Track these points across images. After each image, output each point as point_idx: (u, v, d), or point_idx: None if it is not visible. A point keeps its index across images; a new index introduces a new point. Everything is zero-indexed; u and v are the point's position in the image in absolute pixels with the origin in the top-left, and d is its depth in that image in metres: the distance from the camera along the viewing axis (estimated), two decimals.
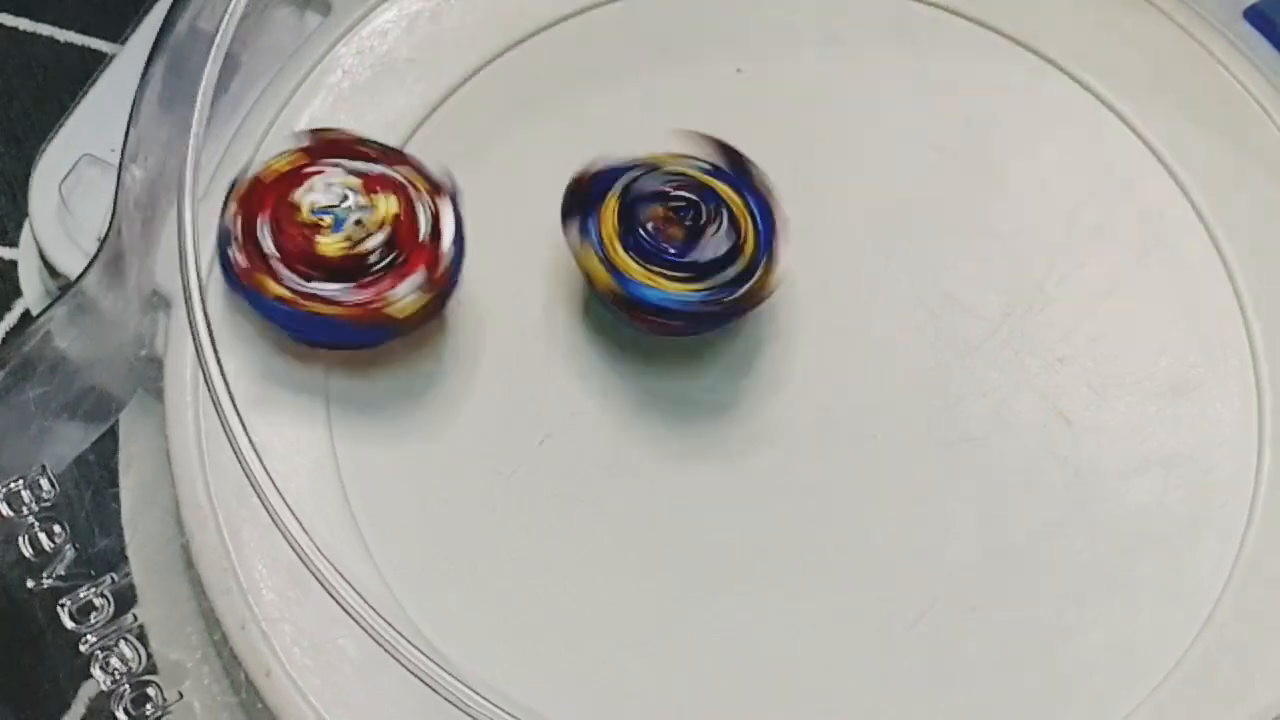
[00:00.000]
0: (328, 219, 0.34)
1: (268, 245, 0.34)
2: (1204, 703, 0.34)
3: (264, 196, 0.34)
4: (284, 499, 0.31)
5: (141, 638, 0.34)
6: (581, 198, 0.35)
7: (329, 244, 0.34)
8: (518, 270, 0.37)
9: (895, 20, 0.41)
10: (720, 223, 0.35)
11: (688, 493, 0.35)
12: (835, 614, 0.34)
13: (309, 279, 0.34)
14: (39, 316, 0.35)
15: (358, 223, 0.34)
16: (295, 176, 0.35)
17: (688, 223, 0.35)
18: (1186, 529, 0.36)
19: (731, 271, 0.35)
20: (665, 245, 0.34)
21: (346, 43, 0.40)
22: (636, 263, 0.34)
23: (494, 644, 0.34)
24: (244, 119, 0.38)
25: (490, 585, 0.34)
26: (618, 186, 0.35)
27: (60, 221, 0.38)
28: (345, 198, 0.34)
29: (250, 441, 0.32)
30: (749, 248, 0.35)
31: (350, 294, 0.34)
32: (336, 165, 0.35)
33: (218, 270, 0.34)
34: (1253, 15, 0.42)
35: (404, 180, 0.35)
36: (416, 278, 0.34)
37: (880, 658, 0.34)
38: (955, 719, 0.34)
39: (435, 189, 0.35)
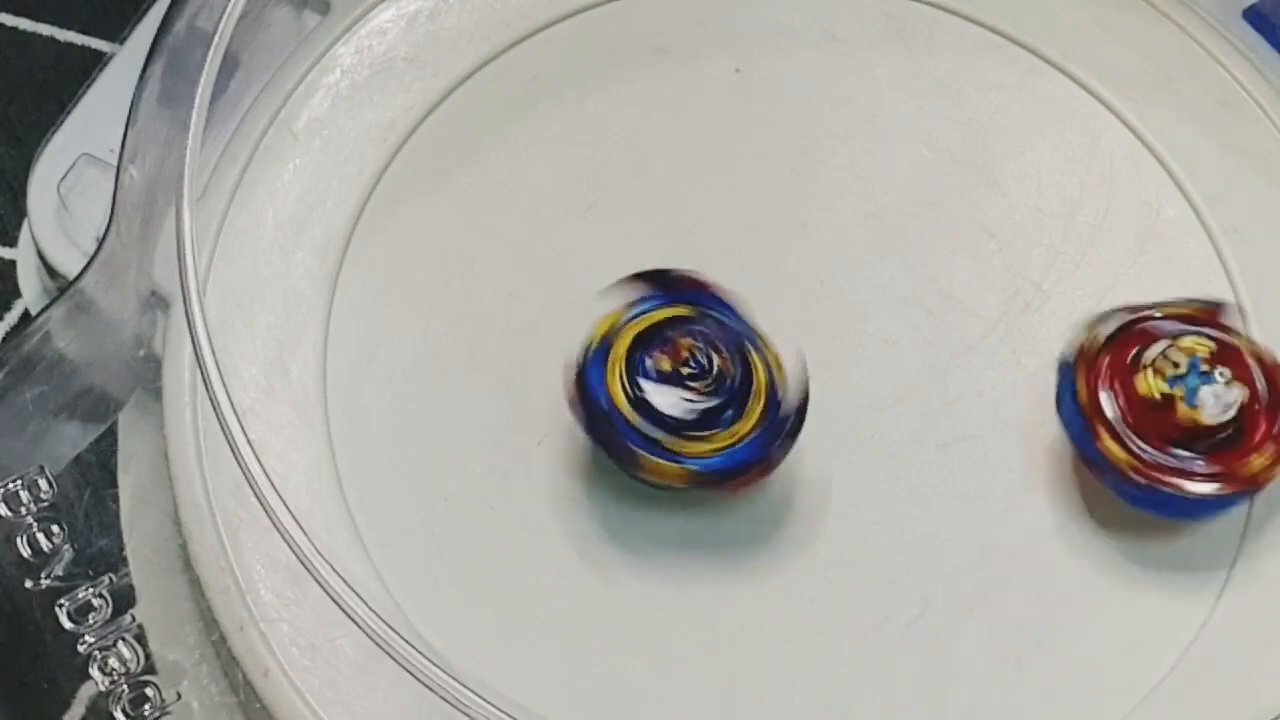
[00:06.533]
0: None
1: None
2: (1204, 703, 0.34)
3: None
4: (282, 499, 0.31)
5: (140, 638, 0.34)
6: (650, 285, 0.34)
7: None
8: (515, 269, 0.37)
9: (894, 20, 0.41)
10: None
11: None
12: (832, 613, 0.34)
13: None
14: (37, 316, 0.35)
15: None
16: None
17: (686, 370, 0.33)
18: (1185, 528, 0.36)
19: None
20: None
21: (345, 42, 0.40)
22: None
23: (492, 644, 0.34)
24: (243, 118, 0.38)
25: (488, 585, 0.34)
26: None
27: (59, 221, 0.38)
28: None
29: (248, 441, 0.32)
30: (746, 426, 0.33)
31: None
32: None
33: (214, 271, 0.34)
34: (1251, 15, 0.42)
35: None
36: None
37: (877, 657, 0.34)
38: (953, 718, 0.34)
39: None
